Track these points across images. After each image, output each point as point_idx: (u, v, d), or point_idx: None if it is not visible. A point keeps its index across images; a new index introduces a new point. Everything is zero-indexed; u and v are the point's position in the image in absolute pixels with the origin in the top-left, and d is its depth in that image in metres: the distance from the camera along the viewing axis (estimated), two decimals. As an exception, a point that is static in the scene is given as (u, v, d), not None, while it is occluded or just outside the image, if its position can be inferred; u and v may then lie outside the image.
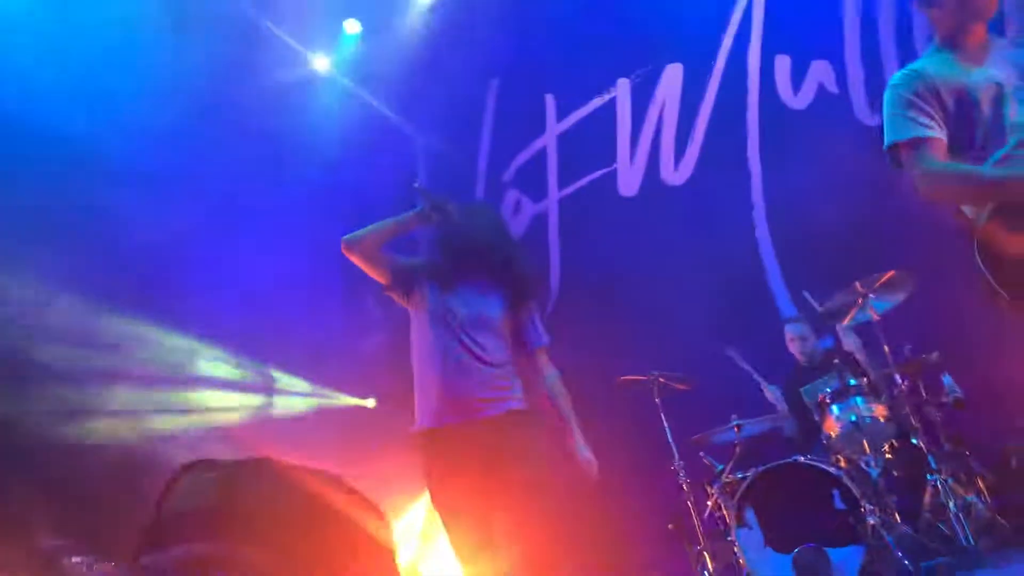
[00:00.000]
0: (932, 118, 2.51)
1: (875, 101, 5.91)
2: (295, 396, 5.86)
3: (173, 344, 5.12)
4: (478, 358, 3.05)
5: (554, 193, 6.89)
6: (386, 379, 6.75)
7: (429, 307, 3.13)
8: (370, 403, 6.26)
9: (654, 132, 6.60)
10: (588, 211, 6.63)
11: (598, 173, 6.75)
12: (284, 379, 5.89)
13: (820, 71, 6.07)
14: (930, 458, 4.22)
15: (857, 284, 4.53)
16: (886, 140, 2.58)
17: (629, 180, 6.65)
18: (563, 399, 3.28)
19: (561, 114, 6.89)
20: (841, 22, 5.99)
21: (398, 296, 3.24)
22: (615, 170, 6.69)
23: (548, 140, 6.93)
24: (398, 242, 3.26)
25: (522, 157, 7.03)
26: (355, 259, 3.15)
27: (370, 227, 3.18)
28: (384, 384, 6.67)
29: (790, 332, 5.39)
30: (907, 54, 5.70)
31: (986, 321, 5.14)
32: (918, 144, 2.50)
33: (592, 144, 6.79)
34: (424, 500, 5.63)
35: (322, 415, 6.04)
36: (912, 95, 2.53)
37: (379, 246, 3.16)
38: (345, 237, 3.14)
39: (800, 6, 6.10)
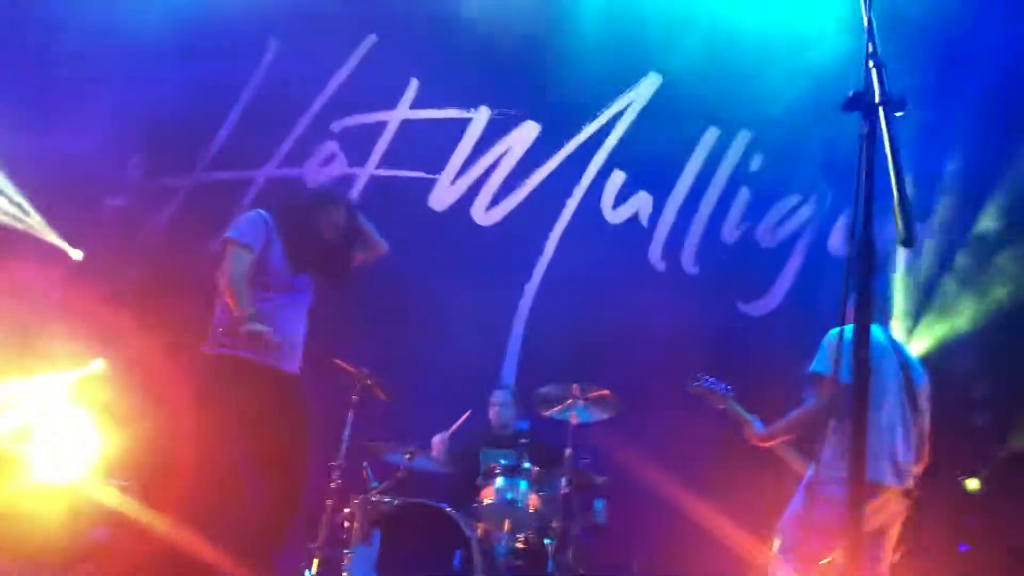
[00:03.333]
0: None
1: (668, 250, 6.43)
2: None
3: None
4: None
5: (371, 167, 6.76)
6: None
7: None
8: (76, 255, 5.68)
9: (485, 169, 6.70)
10: (391, 200, 6.54)
11: (419, 174, 6.72)
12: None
13: (641, 201, 6.52)
14: (550, 563, 4.49)
15: (575, 386, 4.81)
16: None
17: (442, 197, 6.69)
18: None
19: (417, 104, 6.81)
20: (683, 165, 6.50)
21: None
22: (435, 180, 6.70)
23: (393, 118, 6.81)
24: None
25: (360, 119, 6.85)
26: None
27: None
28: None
29: (495, 397, 5.64)
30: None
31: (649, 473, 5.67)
32: None
33: (428, 146, 6.75)
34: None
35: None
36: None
37: None
38: None
39: (655, 140, 6.50)
